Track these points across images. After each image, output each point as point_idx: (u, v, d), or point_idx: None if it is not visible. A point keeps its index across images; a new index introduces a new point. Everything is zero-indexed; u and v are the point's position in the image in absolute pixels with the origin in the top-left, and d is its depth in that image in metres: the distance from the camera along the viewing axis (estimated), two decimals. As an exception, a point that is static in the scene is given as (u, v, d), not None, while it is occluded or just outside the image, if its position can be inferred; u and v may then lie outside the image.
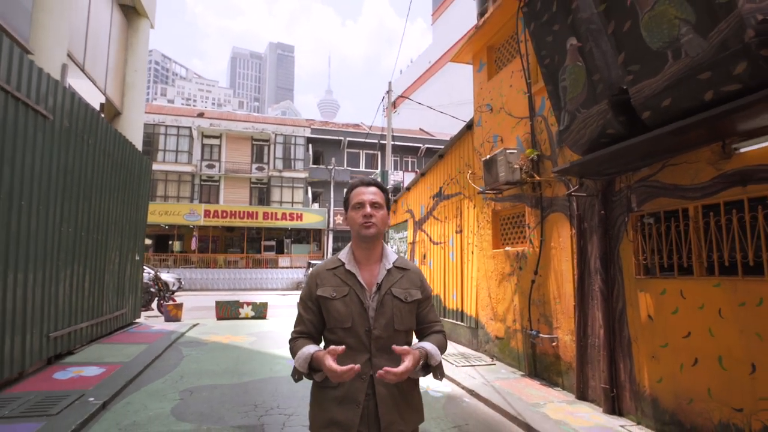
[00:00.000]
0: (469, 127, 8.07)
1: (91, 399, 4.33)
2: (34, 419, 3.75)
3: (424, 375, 1.62)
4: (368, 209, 1.66)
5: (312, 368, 1.56)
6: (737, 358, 3.23)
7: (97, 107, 9.22)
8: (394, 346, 1.50)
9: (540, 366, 5.68)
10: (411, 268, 1.75)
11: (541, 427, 3.98)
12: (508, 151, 6.03)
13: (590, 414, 4.37)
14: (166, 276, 16.52)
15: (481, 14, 7.42)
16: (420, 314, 1.73)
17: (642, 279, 4.13)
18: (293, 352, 1.64)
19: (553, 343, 5.39)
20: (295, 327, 1.72)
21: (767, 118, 2.78)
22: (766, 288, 3.06)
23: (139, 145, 9.86)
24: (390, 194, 15.37)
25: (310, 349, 1.57)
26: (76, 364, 5.66)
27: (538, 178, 5.74)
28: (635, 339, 4.17)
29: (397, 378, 1.44)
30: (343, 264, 1.69)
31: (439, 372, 1.65)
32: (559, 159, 5.35)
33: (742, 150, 3.20)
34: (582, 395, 4.81)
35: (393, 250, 1.75)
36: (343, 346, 1.50)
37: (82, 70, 7.41)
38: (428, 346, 1.61)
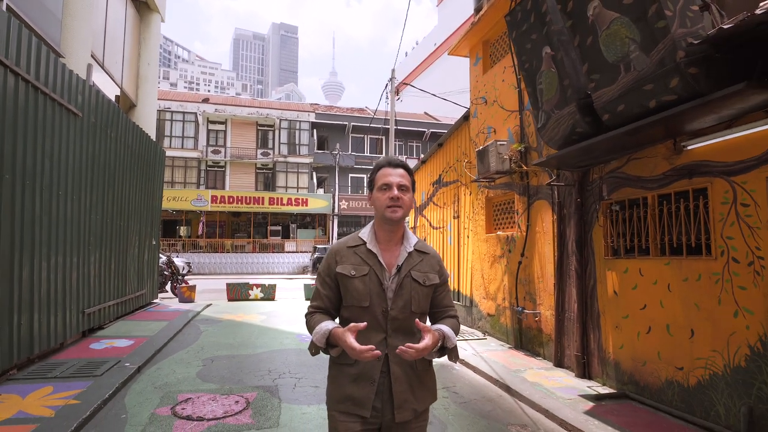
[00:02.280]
0: (466, 118, 8.53)
1: (127, 364, 4.97)
2: (83, 379, 4.39)
3: (440, 357, 1.65)
4: (395, 192, 1.63)
5: (329, 344, 1.59)
6: (680, 325, 3.78)
7: (113, 99, 9.72)
8: (418, 321, 1.55)
9: (525, 339, 6.27)
10: (430, 252, 1.76)
11: (518, 387, 4.58)
12: (498, 142, 6.52)
13: (564, 378, 4.96)
14: (176, 260, 17.24)
15: (477, 10, 7.82)
16: (436, 298, 1.74)
17: (609, 259, 4.68)
18: (310, 326, 1.67)
19: (536, 318, 5.96)
20: (311, 302, 1.73)
21: (702, 121, 3.28)
22: (703, 265, 3.60)
23: (152, 135, 10.39)
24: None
25: (328, 325, 1.59)
26: (107, 337, 6.31)
27: (525, 168, 6.24)
28: (603, 312, 4.74)
29: (417, 354, 1.46)
30: (365, 243, 1.69)
31: (454, 355, 1.68)
32: (544, 151, 5.84)
33: (690, 147, 3.69)
34: (559, 363, 5.40)
35: (413, 233, 1.79)
36: (365, 323, 1.53)
37: (102, 67, 7.92)
38: (445, 328, 1.63)
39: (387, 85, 17.17)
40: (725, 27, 2.67)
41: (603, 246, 4.77)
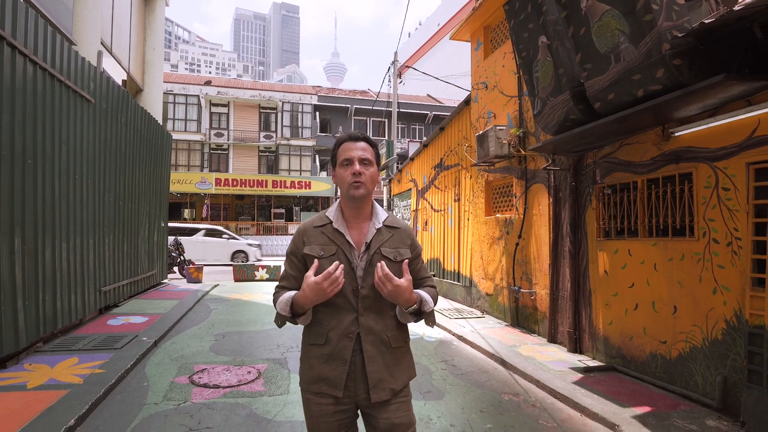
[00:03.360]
0: (467, 102, 8.66)
1: (145, 338, 5.27)
2: (105, 351, 4.70)
3: (416, 321, 1.64)
4: (357, 166, 1.59)
5: (294, 313, 1.57)
6: (665, 302, 4.03)
7: (120, 84, 9.88)
8: (405, 263, 1.57)
9: (521, 317, 6.55)
10: (401, 227, 1.71)
11: (513, 361, 4.86)
12: (498, 127, 6.69)
13: (556, 352, 5.24)
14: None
15: (477, -4, 7.88)
16: (411, 272, 1.69)
17: (601, 241, 4.90)
18: (275, 301, 1.65)
19: (532, 297, 6.23)
20: (280, 281, 1.70)
21: (688, 110, 3.47)
22: (687, 246, 3.83)
23: (159, 119, 10.56)
24: (396, 162, 15.98)
25: (290, 293, 1.58)
26: (123, 314, 6.62)
27: (523, 152, 6.42)
28: (594, 290, 4.98)
29: (392, 286, 1.48)
30: (331, 222, 1.65)
31: (430, 319, 1.68)
32: (541, 136, 6.00)
33: (677, 134, 3.88)
34: (552, 339, 5.68)
35: (383, 209, 1.76)
36: (338, 263, 1.52)
37: (110, 53, 8.06)
38: (422, 293, 1.63)
39: (389, 68, 17.19)
40: (707, 21, 2.84)
41: (595, 228, 4.99)
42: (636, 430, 3.22)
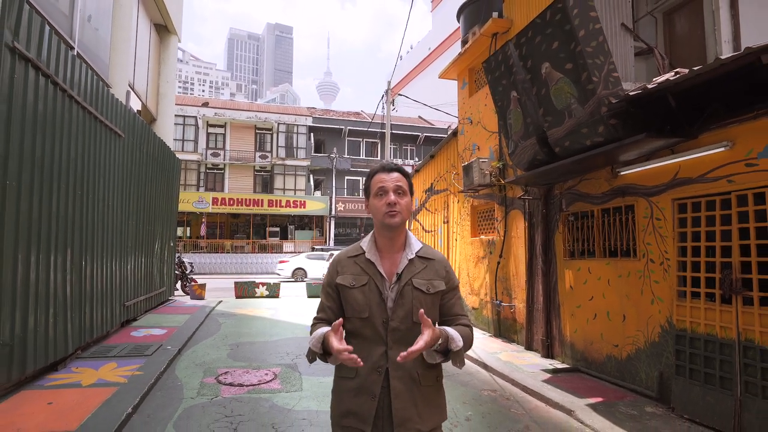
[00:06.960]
0: (455, 134, 9.57)
1: (169, 347, 5.95)
2: (137, 357, 5.37)
3: (443, 360, 1.55)
4: (392, 197, 1.58)
5: (326, 351, 1.52)
6: (616, 311, 4.84)
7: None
8: (422, 312, 1.43)
9: (503, 328, 7.32)
10: (436, 258, 1.67)
11: (493, 365, 5.61)
12: (480, 159, 7.56)
13: (531, 358, 6.01)
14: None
15: (463, 42, 8.86)
16: (444, 305, 1.65)
17: (567, 260, 5.73)
18: (310, 336, 1.63)
19: (512, 310, 7.01)
20: (316, 313, 1.71)
21: (627, 156, 4.33)
22: (632, 265, 4.66)
23: (170, 145, 11.33)
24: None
25: (323, 330, 1.55)
26: (143, 327, 7.28)
27: (503, 182, 7.28)
28: (562, 303, 5.79)
29: (414, 354, 1.38)
30: (364, 252, 1.64)
31: (458, 359, 1.55)
32: (518, 170, 6.88)
33: (622, 173, 4.74)
34: (529, 346, 6.44)
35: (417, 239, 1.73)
36: (341, 319, 1.48)
37: (132, 89, 8.88)
38: (449, 329, 1.53)
39: (383, 96, 18.20)
40: (632, 93, 3.72)
41: (562, 249, 5.82)
42: (587, 414, 3.99)
